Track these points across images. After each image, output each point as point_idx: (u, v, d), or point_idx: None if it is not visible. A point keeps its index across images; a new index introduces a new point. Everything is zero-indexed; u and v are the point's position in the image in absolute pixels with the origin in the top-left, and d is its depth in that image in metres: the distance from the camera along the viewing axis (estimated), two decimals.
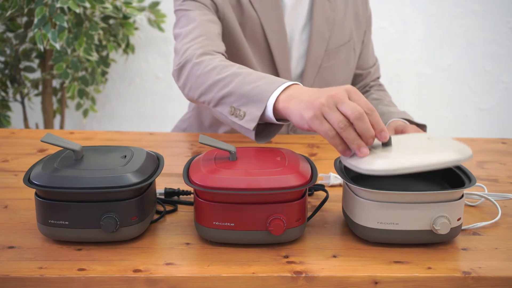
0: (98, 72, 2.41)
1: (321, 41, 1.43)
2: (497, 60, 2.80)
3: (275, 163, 0.91)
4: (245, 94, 1.02)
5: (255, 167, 0.89)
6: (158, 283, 0.81)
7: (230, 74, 1.08)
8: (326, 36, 1.43)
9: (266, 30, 1.39)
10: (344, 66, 1.49)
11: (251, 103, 1.01)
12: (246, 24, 1.39)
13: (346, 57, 1.49)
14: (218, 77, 1.09)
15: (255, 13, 1.38)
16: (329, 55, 1.45)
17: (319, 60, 1.44)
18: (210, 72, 1.12)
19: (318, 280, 0.81)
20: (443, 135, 1.56)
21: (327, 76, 1.46)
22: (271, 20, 1.39)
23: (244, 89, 1.03)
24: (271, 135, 1.04)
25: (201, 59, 1.16)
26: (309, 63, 1.43)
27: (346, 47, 1.48)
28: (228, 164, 0.90)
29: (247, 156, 0.94)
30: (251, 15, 1.39)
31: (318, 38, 1.43)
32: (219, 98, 1.07)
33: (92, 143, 1.38)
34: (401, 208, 0.86)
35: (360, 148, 0.86)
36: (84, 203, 0.86)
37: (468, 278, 0.82)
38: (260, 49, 1.41)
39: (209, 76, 1.11)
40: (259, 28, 1.39)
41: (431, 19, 2.73)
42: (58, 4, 2.01)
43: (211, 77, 1.10)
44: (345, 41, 1.47)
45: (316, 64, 1.44)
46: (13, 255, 0.86)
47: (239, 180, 0.85)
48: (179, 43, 1.26)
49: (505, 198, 1.07)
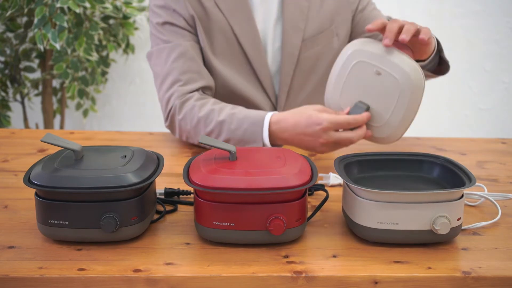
0: (98, 72, 2.41)
1: (296, 32, 1.40)
2: (497, 60, 2.80)
3: (275, 163, 0.91)
4: (241, 139, 1.25)
5: (255, 167, 0.89)
6: (158, 283, 0.81)
7: (216, 124, 1.27)
8: (301, 26, 1.40)
9: (235, 29, 1.37)
10: (325, 52, 1.46)
11: (248, 144, 1.25)
12: (214, 27, 1.37)
13: (327, 44, 1.45)
14: (207, 129, 1.28)
15: (221, 14, 1.37)
16: (307, 45, 1.42)
17: (296, 51, 1.41)
18: (197, 127, 1.29)
19: (318, 280, 0.81)
20: (443, 135, 1.56)
21: (307, 66, 1.44)
22: (240, 19, 1.38)
23: (236, 136, 1.26)
24: None
25: (183, 114, 1.31)
26: (285, 56, 1.41)
27: (326, 34, 1.44)
28: (228, 164, 0.90)
29: (247, 156, 0.94)
30: (217, 17, 1.37)
31: (292, 29, 1.40)
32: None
33: (92, 143, 1.38)
34: (401, 208, 0.86)
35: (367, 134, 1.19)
36: (84, 203, 0.86)
37: (468, 278, 0.82)
38: (233, 50, 1.39)
39: (199, 130, 1.29)
40: (228, 29, 1.38)
41: (431, 19, 2.73)
42: (58, 4, 2.01)
43: (201, 130, 1.29)
44: (324, 28, 1.44)
45: (294, 56, 1.41)
46: (13, 255, 0.86)
47: (239, 180, 0.85)
48: (159, 91, 1.37)
49: (505, 198, 1.07)
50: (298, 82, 1.45)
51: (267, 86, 1.42)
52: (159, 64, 1.36)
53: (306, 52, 1.43)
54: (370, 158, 1.02)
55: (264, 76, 1.41)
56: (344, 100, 1.20)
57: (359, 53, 1.17)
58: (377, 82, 1.15)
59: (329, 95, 1.23)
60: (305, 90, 1.47)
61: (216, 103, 1.31)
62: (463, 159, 1.31)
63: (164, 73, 1.34)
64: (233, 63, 1.40)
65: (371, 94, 1.17)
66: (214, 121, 1.27)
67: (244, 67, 1.41)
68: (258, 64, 1.40)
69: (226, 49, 1.39)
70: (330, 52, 1.47)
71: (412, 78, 1.12)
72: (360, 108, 1.17)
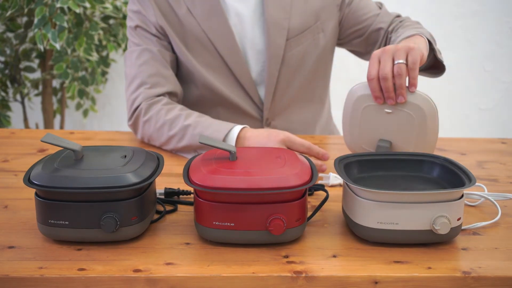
0: (98, 72, 2.41)
1: (279, 31, 1.38)
2: (497, 60, 2.80)
3: (275, 163, 0.91)
4: (202, 145, 1.22)
5: (255, 167, 0.89)
6: (158, 283, 0.81)
7: (180, 128, 1.26)
8: (285, 24, 1.38)
9: (209, 36, 1.37)
10: (311, 50, 1.43)
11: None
12: (189, 34, 1.37)
13: (313, 41, 1.43)
14: (170, 133, 1.27)
15: (195, 21, 1.37)
16: (291, 44, 1.40)
17: (280, 51, 1.39)
18: (161, 130, 1.29)
19: (318, 280, 0.81)
20: (443, 135, 1.56)
21: (293, 65, 1.42)
22: (214, 24, 1.37)
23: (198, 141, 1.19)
24: None
25: (148, 115, 1.31)
26: (269, 57, 1.39)
27: (311, 31, 1.42)
28: (228, 164, 0.90)
29: (247, 156, 0.94)
30: (191, 24, 1.37)
31: (275, 29, 1.37)
32: (180, 148, 1.28)
33: (92, 143, 1.38)
34: (401, 208, 0.86)
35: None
36: (84, 203, 0.86)
37: (468, 278, 0.82)
38: (211, 55, 1.39)
39: (162, 133, 1.29)
40: (203, 35, 1.37)
41: (431, 19, 2.72)
42: (58, 4, 2.01)
43: (164, 133, 1.29)
44: (309, 25, 1.41)
45: (278, 56, 1.39)
46: (13, 255, 0.86)
47: (239, 180, 0.85)
48: (126, 91, 1.38)
49: (505, 198, 1.07)
50: (284, 82, 1.43)
51: (248, 89, 1.41)
52: (129, 66, 1.38)
53: (291, 51, 1.41)
54: (370, 158, 1.01)
55: (245, 79, 1.40)
56: (364, 141, 1.18)
57: (365, 98, 1.14)
58: (392, 120, 1.13)
59: (349, 139, 1.21)
60: (291, 89, 1.45)
61: (183, 109, 1.31)
62: (463, 159, 1.31)
63: (132, 75, 1.37)
64: (212, 68, 1.40)
65: (389, 130, 1.14)
66: (179, 125, 1.26)
67: (224, 71, 1.40)
68: (237, 67, 1.39)
69: (204, 54, 1.39)
70: (316, 49, 1.44)
71: (425, 109, 1.10)
72: (383, 148, 1.15)
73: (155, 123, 1.30)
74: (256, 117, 1.45)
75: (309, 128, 1.53)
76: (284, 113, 1.47)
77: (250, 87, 1.41)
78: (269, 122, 1.46)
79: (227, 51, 1.38)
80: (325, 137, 1.49)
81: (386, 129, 1.15)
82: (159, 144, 1.31)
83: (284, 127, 1.47)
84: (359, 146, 1.20)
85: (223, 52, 1.38)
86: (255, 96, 1.43)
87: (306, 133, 1.52)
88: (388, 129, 1.15)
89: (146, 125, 1.32)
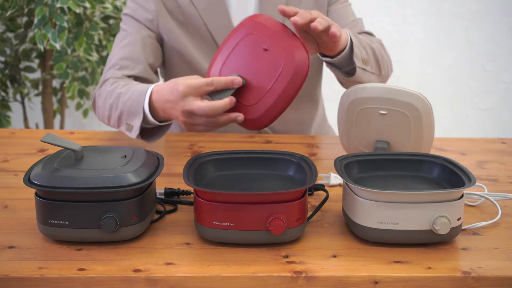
0: (98, 72, 2.40)
1: None
2: (497, 60, 2.80)
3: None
4: (129, 109, 1.20)
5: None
6: (158, 283, 0.81)
7: (116, 96, 1.24)
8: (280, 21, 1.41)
9: (210, 28, 1.39)
10: None
11: (134, 116, 1.19)
12: (189, 25, 1.40)
13: None
14: (109, 102, 1.26)
15: (196, 12, 1.39)
16: None
17: None
18: (105, 101, 1.28)
19: (318, 280, 0.81)
20: (443, 135, 1.55)
21: None
22: (215, 17, 1.39)
23: (127, 106, 1.21)
24: (161, 134, 1.24)
25: (100, 91, 1.32)
26: None
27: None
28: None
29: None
30: (192, 14, 1.39)
31: None
32: (117, 119, 1.25)
33: (92, 143, 1.38)
34: (401, 208, 0.86)
35: (237, 118, 1.09)
36: (84, 203, 0.86)
37: (468, 278, 0.82)
38: (209, 49, 1.41)
39: (105, 104, 1.28)
40: (203, 27, 1.40)
41: (431, 19, 2.73)
42: (58, 4, 2.01)
43: (107, 104, 1.27)
44: None
45: None
46: (13, 255, 0.86)
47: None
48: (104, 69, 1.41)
49: (505, 198, 1.07)
50: None
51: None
52: (112, 48, 1.43)
53: None
54: (370, 158, 1.01)
55: None
56: (362, 143, 1.18)
57: (359, 101, 1.14)
58: (388, 121, 1.13)
59: (346, 143, 1.21)
60: None
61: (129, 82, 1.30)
62: (463, 159, 1.31)
63: (110, 57, 1.41)
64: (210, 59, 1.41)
65: (385, 131, 1.15)
66: (115, 93, 1.25)
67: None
68: None
69: (202, 45, 1.41)
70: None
71: (420, 108, 1.10)
72: (381, 149, 1.15)
73: (104, 97, 1.30)
74: None
75: (304, 129, 1.54)
76: None
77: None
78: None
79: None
80: (323, 137, 1.49)
81: (383, 130, 1.15)
82: (106, 122, 1.31)
83: (280, 127, 1.49)
84: (356, 148, 1.20)
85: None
86: None
87: (302, 133, 1.53)
88: (385, 130, 1.15)
89: (98, 100, 1.33)
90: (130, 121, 1.21)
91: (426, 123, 1.11)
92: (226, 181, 0.97)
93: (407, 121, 1.11)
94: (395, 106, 1.12)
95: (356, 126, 1.17)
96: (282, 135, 1.48)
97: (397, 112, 1.12)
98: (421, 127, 1.12)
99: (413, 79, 2.80)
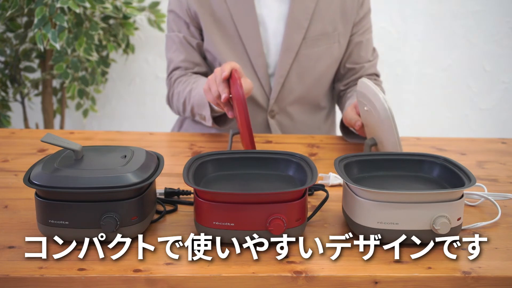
0: (98, 72, 2.40)
1: (298, 29, 1.45)
2: (497, 60, 2.79)
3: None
4: (197, 103, 1.40)
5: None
6: (158, 283, 0.81)
7: (186, 93, 1.44)
8: (305, 24, 1.46)
9: (235, 19, 1.45)
10: (326, 55, 1.49)
11: (202, 107, 1.39)
12: (216, 14, 1.46)
13: (329, 47, 1.49)
14: (181, 100, 1.46)
15: (224, 4, 1.45)
16: (307, 43, 1.47)
17: (295, 47, 1.46)
18: (178, 99, 1.48)
19: (318, 280, 0.81)
20: (443, 135, 1.55)
21: (306, 64, 1.48)
22: (241, 10, 1.45)
23: (196, 100, 1.41)
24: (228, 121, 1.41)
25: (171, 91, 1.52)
26: (284, 51, 1.46)
27: (328, 37, 1.48)
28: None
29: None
30: (221, 8, 1.45)
31: (294, 26, 1.45)
32: (190, 111, 1.45)
33: (92, 143, 1.38)
34: (401, 208, 0.86)
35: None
36: (84, 203, 0.86)
37: (468, 278, 0.82)
38: (232, 39, 1.46)
39: (179, 101, 1.48)
40: (229, 18, 1.45)
41: (431, 19, 2.72)
42: (58, 4, 2.01)
43: (180, 101, 1.48)
44: (327, 31, 1.48)
45: (293, 51, 1.46)
46: (13, 255, 0.86)
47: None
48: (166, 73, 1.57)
49: (505, 198, 1.07)
50: (294, 77, 1.48)
51: (261, 77, 1.47)
52: (166, 50, 1.55)
53: (306, 50, 1.47)
54: (370, 158, 1.01)
55: (260, 65, 1.47)
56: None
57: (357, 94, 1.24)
58: (370, 118, 1.20)
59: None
60: (300, 87, 1.50)
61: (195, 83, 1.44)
62: (463, 159, 1.31)
63: (168, 60, 1.54)
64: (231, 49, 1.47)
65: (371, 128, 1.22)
66: (185, 91, 1.44)
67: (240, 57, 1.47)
68: (255, 55, 1.46)
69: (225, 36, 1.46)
70: (330, 56, 1.50)
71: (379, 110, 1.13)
72: (367, 145, 1.21)
73: (177, 96, 1.48)
74: (263, 105, 1.50)
75: (311, 131, 1.56)
76: (289, 109, 1.52)
77: (263, 74, 1.47)
78: (274, 114, 1.51)
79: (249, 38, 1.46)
80: (323, 137, 1.49)
81: (368, 127, 1.22)
82: (182, 114, 1.51)
83: (287, 123, 1.53)
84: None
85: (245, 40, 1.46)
86: (266, 85, 1.48)
87: (308, 133, 1.53)
88: (370, 126, 1.22)
89: (174, 99, 1.51)
90: (201, 112, 1.40)
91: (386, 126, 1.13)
92: (226, 181, 0.97)
93: (377, 119, 1.15)
94: (370, 104, 1.16)
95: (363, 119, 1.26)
96: (282, 135, 1.48)
97: (371, 111, 1.16)
98: (383, 129, 1.14)
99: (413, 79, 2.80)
